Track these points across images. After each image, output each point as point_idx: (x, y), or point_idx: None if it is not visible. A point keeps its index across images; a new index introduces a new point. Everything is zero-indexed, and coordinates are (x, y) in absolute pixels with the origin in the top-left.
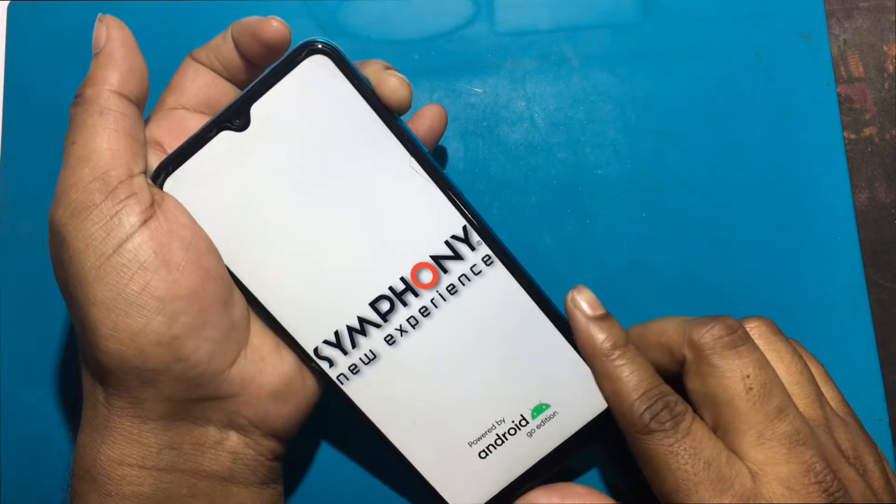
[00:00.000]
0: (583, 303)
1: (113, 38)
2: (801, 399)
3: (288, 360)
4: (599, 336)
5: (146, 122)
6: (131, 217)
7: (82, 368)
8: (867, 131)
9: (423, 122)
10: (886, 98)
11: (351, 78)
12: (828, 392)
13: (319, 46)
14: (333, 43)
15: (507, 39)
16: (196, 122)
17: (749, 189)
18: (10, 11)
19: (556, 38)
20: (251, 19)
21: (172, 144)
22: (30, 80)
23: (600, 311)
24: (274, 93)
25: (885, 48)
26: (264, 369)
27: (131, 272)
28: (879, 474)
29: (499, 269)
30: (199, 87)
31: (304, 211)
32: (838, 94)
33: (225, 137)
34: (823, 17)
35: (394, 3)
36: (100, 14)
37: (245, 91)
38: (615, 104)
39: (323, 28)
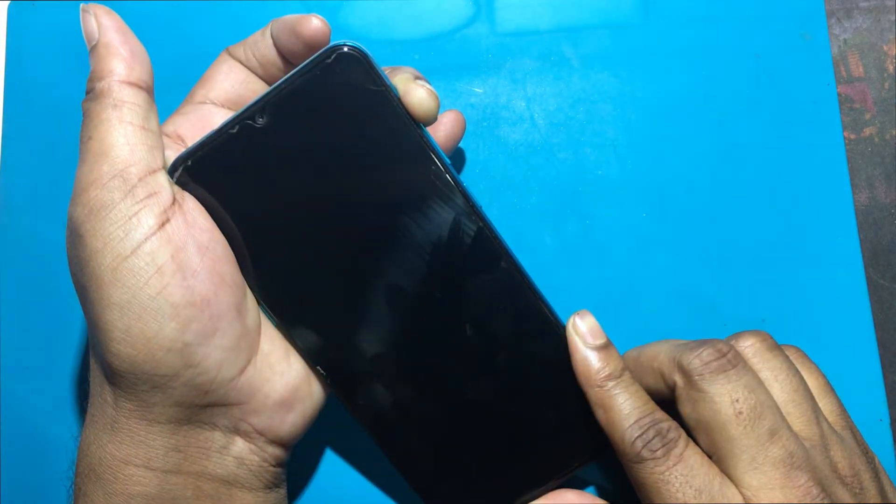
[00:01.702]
0: (584, 330)
1: (105, 26)
2: (797, 418)
3: (296, 367)
4: (596, 365)
5: (173, 114)
6: (150, 218)
7: (91, 366)
8: (867, 131)
9: (442, 127)
10: (886, 98)
11: (377, 84)
12: (826, 405)
13: (346, 50)
14: (362, 47)
15: (507, 40)
16: (223, 118)
17: (749, 189)
18: (10, 11)
19: (556, 38)
20: (291, 17)
21: (196, 139)
22: (30, 79)
23: (601, 341)
24: (299, 93)
25: (885, 48)
26: (272, 378)
27: (147, 275)
28: (875, 492)
29: (509, 285)
30: (232, 83)
31: (317, 213)
32: (838, 94)
33: (246, 134)
34: (824, 17)
35: (394, 4)
36: (82, 5)
37: (270, 89)
38: (615, 104)
39: None
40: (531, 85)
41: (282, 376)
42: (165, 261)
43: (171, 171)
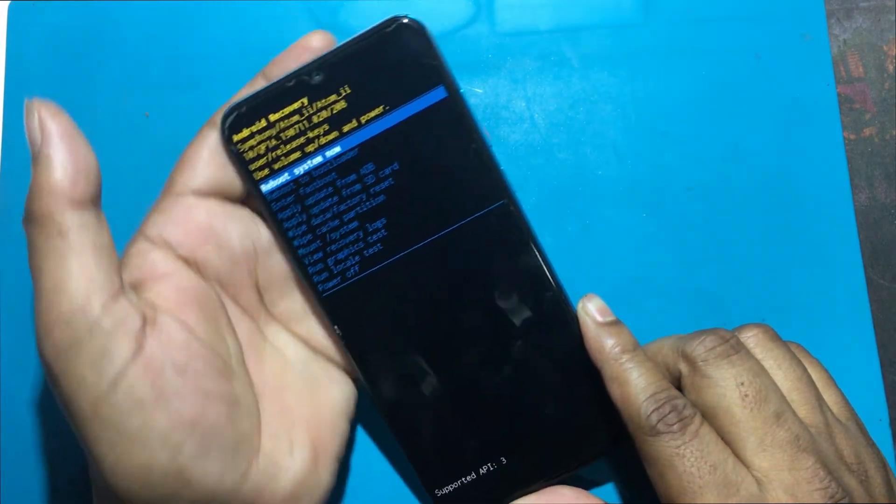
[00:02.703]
0: (593, 310)
1: (49, 132)
2: (801, 405)
3: (300, 458)
4: (609, 341)
5: (154, 212)
6: (122, 350)
7: (91, 478)
8: (867, 131)
9: None
10: (886, 98)
11: (432, 57)
12: (829, 396)
13: (405, 21)
14: (421, 21)
15: (507, 40)
16: (207, 212)
17: (749, 189)
18: (10, 11)
19: (556, 38)
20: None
21: (183, 243)
22: (30, 80)
23: (610, 318)
24: (356, 57)
25: (885, 48)
26: (277, 474)
27: (129, 409)
28: (880, 480)
29: (532, 271)
30: (215, 169)
31: (359, 173)
32: (838, 94)
33: (299, 91)
34: (823, 17)
35: (394, 4)
36: (26, 101)
37: (329, 51)
38: (615, 105)
39: (323, 28)
40: (531, 85)
41: (287, 471)
42: (145, 391)
43: (224, 118)
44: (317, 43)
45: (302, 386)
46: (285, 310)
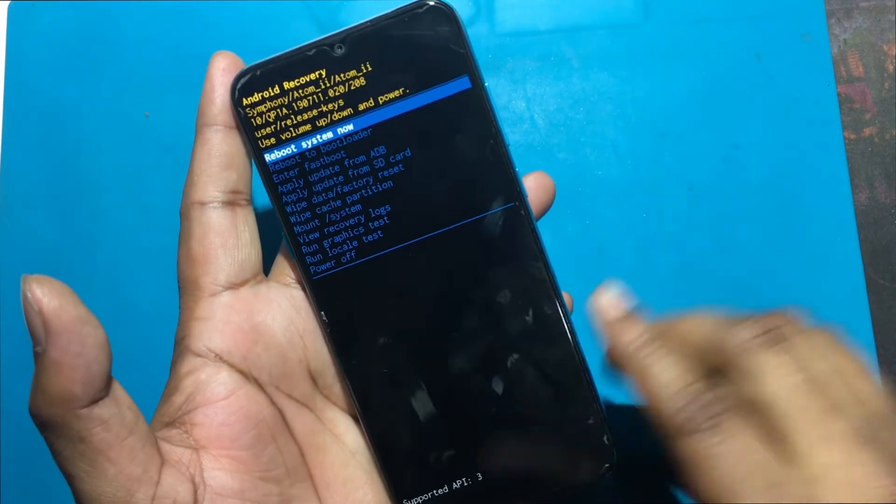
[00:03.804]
0: (605, 305)
1: (52, 326)
2: (849, 395)
3: None
4: (624, 337)
5: (189, 317)
6: None
7: None
8: (867, 131)
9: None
10: (886, 98)
11: (460, 45)
12: (867, 386)
13: (437, 4)
14: (453, 7)
15: (507, 40)
16: (247, 308)
17: (749, 189)
18: (10, 11)
19: (556, 38)
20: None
21: (233, 352)
22: (30, 80)
23: (622, 311)
24: (382, 34)
25: (885, 48)
26: None
27: None
28: None
29: (535, 283)
30: (232, 249)
31: (369, 155)
32: (838, 94)
33: (319, 61)
34: (823, 17)
35: (394, 4)
36: (23, 285)
37: (355, 25)
38: (615, 104)
39: (323, 28)
40: (531, 85)
41: None
42: None
43: (237, 79)
44: (222, 65)
45: (364, 475)
46: (340, 390)
